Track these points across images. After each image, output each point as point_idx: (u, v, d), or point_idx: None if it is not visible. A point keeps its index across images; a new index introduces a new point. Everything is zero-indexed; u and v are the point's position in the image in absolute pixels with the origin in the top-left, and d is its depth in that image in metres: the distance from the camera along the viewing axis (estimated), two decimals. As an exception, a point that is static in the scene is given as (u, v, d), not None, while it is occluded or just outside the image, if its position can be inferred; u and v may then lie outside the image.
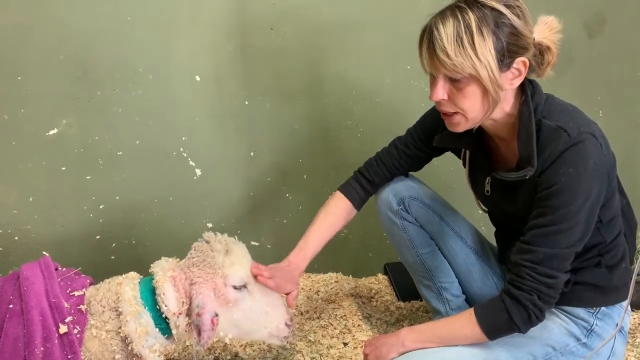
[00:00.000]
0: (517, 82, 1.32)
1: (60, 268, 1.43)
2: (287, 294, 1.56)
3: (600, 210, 1.34)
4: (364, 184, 1.72)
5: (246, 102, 2.11)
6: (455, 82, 1.30)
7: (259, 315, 1.42)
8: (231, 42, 2.05)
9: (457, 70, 1.26)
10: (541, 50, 1.33)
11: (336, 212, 1.71)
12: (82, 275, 1.44)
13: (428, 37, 1.30)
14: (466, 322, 1.36)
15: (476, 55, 1.24)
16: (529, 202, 1.35)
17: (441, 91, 1.32)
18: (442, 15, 1.29)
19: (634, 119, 2.51)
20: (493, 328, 1.34)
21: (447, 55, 1.25)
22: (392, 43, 2.18)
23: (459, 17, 1.26)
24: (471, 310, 1.37)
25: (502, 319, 1.32)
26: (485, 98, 1.30)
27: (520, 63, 1.30)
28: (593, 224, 1.32)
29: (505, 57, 1.27)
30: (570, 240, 1.28)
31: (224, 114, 2.10)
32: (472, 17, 1.25)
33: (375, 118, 2.23)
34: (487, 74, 1.26)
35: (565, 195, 1.27)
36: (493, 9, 1.26)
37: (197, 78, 2.04)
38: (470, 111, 1.33)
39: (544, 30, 1.33)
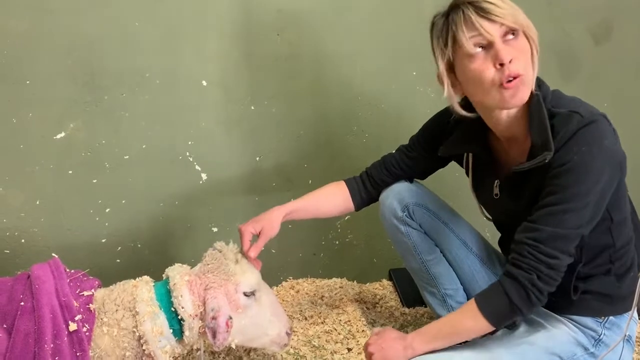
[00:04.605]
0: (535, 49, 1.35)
1: (68, 270, 1.46)
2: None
3: (611, 209, 1.33)
4: (366, 183, 1.75)
5: (252, 108, 2.12)
6: (511, 40, 1.30)
7: (264, 322, 1.49)
8: (238, 48, 2.06)
9: (517, 19, 1.29)
10: None
11: (333, 193, 1.76)
12: (91, 277, 1.47)
13: (473, 7, 1.30)
14: (469, 313, 1.34)
15: (515, 6, 1.31)
16: (537, 197, 1.33)
17: (507, 49, 1.29)
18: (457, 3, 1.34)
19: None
20: (495, 314, 1.32)
21: (502, 7, 1.29)
22: (398, 50, 2.18)
23: None
24: (472, 300, 1.35)
25: (502, 301, 1.30)
26: (532, 56, 1.33)
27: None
28: (602, 210, 1.30)
29: None
30: (578, 221, 1.26)
31: (230, 119, 2.11)
32: None
33: (380, 124, 2.24)
34: (529, 23, 1.32)
35: (576, 174, 1.25)
36: None
37: (204, 83, 2.05)
38: (529, 71, 1.32)
39: None
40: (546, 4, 2.28)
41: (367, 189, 1.75)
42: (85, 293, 1.39)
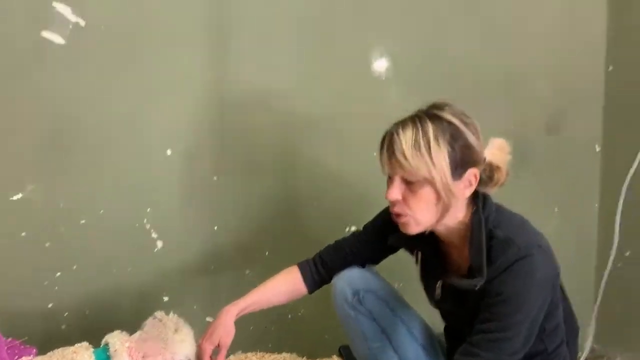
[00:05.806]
0: (468, 192, 1.41)
1: (5, 339, 1.46)
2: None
3: (544, 320, 1.40)
4: (318, 267, 1.77)
5: (215, 178, 2.14)
6: (410, 185, 1.38)
7: None
8: (206, 120, 2.11)
9: (413, 172, 1.35)
10: (491, 169, 1.43)
11: (284, 281, 1.77)
12: (27, 346, 1.51)
13: (389, 141, 1.40)
14: None
15: (432, 160, 1.34)
16: (479, 307, 1.40)
17: (397, 191, 1.40)
18: (402, 123, 1.40)
19: (588, 215, 2.57)
20: None
21: (405, 158, 1.35)
22: (362, 129, 2.24)
23: (418, 125, 1.36)
24: None
25: None
26: (437, 203, 1.38)
27: (472, 174, 1.40)
28: (536, 332, 1.38)
29: (458, 167, 1.37)
30: (514, 347, 1.34)
31: (192, 188, 2.13)
32: (430, 127, 1.36)
33: (343, 199, 2.27)
34: (440, 179, 1.35)
35: (512, 306, 1.33)
36: (450, 122, 1.37)
37: (169, 152, 2.08)
38: (421, 215, 1.40)
39: (495, 151, 1.44)
40: (504, 93, 2.38)
41: (319, 272, 1.76)
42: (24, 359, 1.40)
